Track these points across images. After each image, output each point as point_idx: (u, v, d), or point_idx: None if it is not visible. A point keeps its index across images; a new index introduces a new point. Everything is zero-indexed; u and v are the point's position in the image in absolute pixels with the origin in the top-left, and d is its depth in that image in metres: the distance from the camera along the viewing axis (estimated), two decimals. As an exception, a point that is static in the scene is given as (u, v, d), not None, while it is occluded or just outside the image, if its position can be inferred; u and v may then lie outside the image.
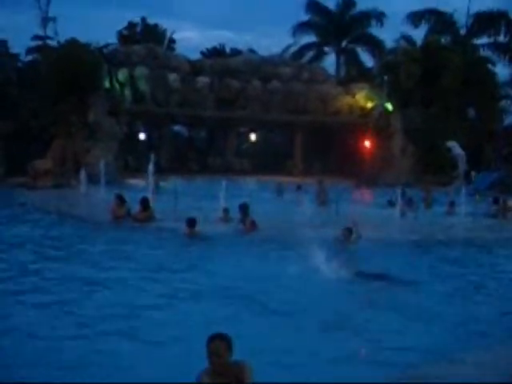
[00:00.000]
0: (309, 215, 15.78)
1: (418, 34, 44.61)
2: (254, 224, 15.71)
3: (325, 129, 37.05)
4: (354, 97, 38.54)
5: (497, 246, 15.66)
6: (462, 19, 44.13)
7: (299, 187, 25.34)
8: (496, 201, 21.69)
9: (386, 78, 38.86)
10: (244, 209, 16.29)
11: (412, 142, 34.79)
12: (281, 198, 23.99)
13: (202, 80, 37.56)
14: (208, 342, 5.14)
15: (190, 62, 39.39)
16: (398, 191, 19.43)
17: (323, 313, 8.70)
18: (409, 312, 9.05)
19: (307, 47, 49.64)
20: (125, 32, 48.01)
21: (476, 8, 44.22)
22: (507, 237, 16.90)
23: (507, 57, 43.27)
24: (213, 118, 36.67)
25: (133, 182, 27.15)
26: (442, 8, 45.07)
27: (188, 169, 35.68)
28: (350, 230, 14.17)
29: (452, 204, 20.93)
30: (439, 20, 44.81)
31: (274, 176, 32.32)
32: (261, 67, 39.37)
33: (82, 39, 33.22)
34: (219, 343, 5.10)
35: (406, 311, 9.09)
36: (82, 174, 23.70)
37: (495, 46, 43.73)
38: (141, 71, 35.73)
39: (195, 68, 38.56)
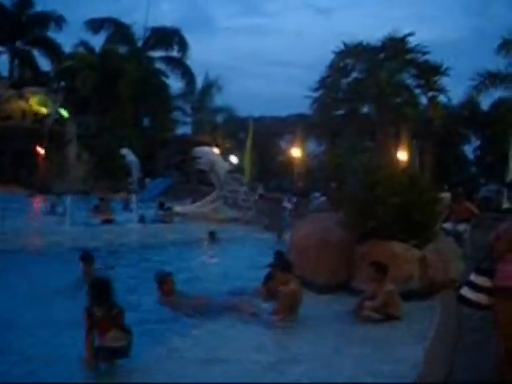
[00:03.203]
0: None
1: (98, 42, 44.96)
2: None
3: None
4: (27, 101, 37.10)
5: (153, 249, 16.13)
6: (139, 31, 45.68)
7: None
8: (163, 207, 22.76)
9: (62, 83, 38.30)
10: None
11: (87, 149, 34.74)
12: None
13: None
14: None
15: None
16: (64, 199, 19.34)
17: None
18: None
19: (-23, 44, 46.19)
20: None
21: (153, 23, 46.45)
22: (168, 240, 17.74)
23: (179, 71, 45.80)
24: None
25: None
26: (123, 19, 46.37)
27: None
28: None
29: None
30: (118, 30, 45.74)
31: None
32: None
33: None
34: None
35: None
36: None
37: (169, 60, 46.07)
38: None
39: None
